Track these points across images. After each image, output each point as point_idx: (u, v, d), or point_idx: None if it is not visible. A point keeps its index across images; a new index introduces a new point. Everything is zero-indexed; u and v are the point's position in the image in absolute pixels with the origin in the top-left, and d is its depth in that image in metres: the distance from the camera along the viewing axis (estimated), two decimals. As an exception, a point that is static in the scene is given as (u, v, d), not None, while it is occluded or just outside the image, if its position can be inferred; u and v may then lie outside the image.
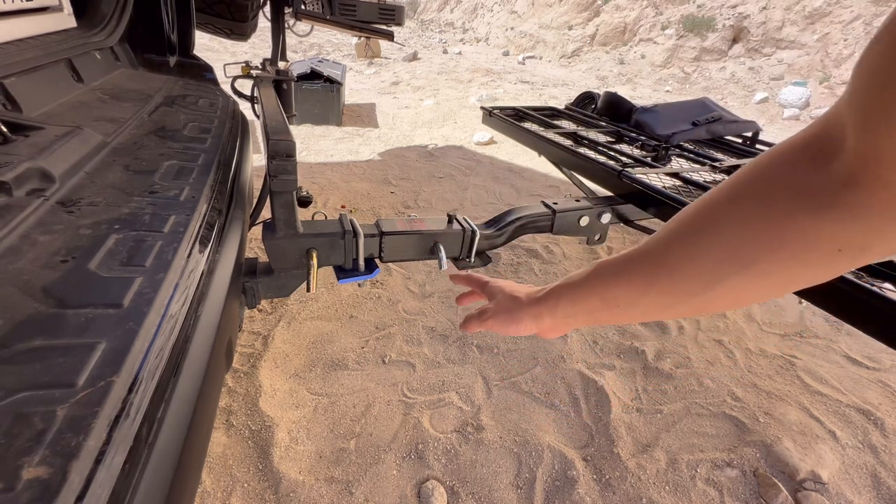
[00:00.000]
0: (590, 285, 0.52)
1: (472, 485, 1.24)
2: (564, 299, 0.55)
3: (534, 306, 0.58)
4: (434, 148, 4.11)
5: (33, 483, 0.30)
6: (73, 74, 1.11)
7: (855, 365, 1.80)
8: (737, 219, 0.38)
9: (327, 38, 11.14)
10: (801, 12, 8.36)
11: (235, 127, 1.20)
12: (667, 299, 0.45)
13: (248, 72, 2.00)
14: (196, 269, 0.59)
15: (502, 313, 0.61)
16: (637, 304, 0.48)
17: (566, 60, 10.82)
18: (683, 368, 1.70)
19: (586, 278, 0.53)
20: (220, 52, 7.03)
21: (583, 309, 0.54)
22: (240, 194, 0.95)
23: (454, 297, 2.00)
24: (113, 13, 1.43)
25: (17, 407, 0.35)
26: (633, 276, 0.48)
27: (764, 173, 0.38)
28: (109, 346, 0.42)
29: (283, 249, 1.08)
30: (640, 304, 0.48)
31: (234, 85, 1.97)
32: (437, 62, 9.22)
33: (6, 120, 0.73)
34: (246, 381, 1.48)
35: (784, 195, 0.35)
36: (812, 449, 1.42)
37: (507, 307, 0.62)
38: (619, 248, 2.53)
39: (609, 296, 0.50)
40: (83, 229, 0.58)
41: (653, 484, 1.28)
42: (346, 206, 2.76)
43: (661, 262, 0.45)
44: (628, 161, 1.74)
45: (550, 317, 0.57)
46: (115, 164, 0.77)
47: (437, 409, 1.45)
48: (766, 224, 0.36)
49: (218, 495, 1.15)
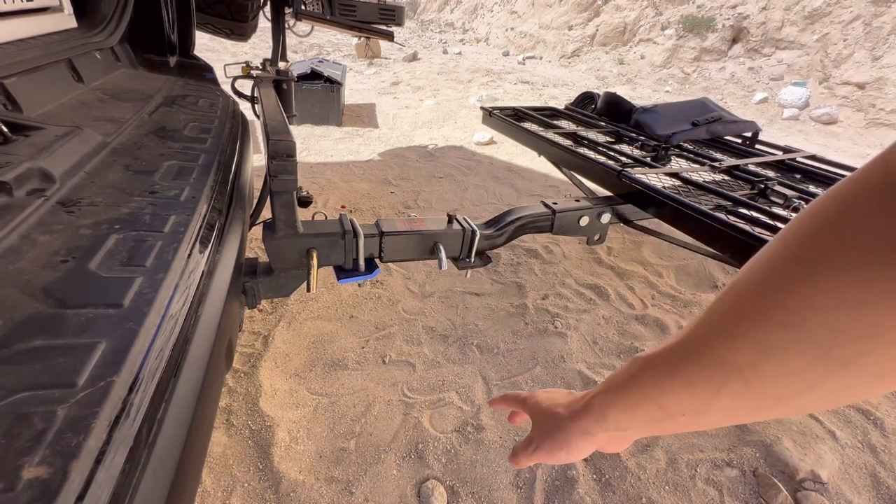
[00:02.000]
0: (640, 392, 0.41)
1: (472, 484, 1.24)
2: (613, 410, 0.44)
3: (578, 421, 0.48)
4: (434, 148, 4.11)
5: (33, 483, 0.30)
6: (74, 74, 1.11)
7: (855, 365, 1.80)
8: (821, 304, 0.27)
9: (327, 38, 11.14)
10: (800, 12, 8.36)
11: (235, 127, 1.20)
12: (745, 403, 0.34)
13: (248, 72, 2.00)
14: (196, 270, 0.59)
15: (547, 440, 0.51)
16: (708, 411, 0.36)
17: (566, 60, 10.82)
18: (683, 368, 1.70)
19: (634, 381, 0.41)
20: (220, 53, 7.03)
21: (642, 421, 0.42)
22: (240, 194, 0.95)
23: (454, 297, 2.00)
24: (113, 13, 1.43)
25: (17, 407, 0.35)
26: (692, 379, 0.36)
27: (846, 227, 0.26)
28: (109, 346, 0.42)
29: (284, 249, 1.08)
30: (712, 412, 0.36)
31: (234, 85, 1.97)
32: (437, 62, 9.22)
33: (6, 120, 0.73)
34: (246, 380, 1.48)
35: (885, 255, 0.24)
36: (812, 449, 1.42)
37: (549, 431, 0.51)
38: (619, 248, 2.53)
39: (668, 404, 0.38)
40: (83, 229, 0.58)
41: (652, 484, 1.28)
42: (346, 206, 2.76)
43: (723, 361, 0.33)
44: (628, 161, 1.74)
45: (602, 431, 0.46)
46: (116, 165, 0.77)
47: (437, 408, 1.45)
48: (869, 305, 0.25)
49: (218, 495, 1.15)
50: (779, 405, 0.32)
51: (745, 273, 0.33)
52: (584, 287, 2.14)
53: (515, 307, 1.96)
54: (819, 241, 0.28)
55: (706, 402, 0.35)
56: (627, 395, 0.42)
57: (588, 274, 2.26)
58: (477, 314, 1.90)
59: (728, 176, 1.75)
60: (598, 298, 2.07)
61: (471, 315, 1.90)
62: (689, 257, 2.40)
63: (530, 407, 0.56)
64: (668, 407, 0.38)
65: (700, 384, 0.35)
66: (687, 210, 1.32)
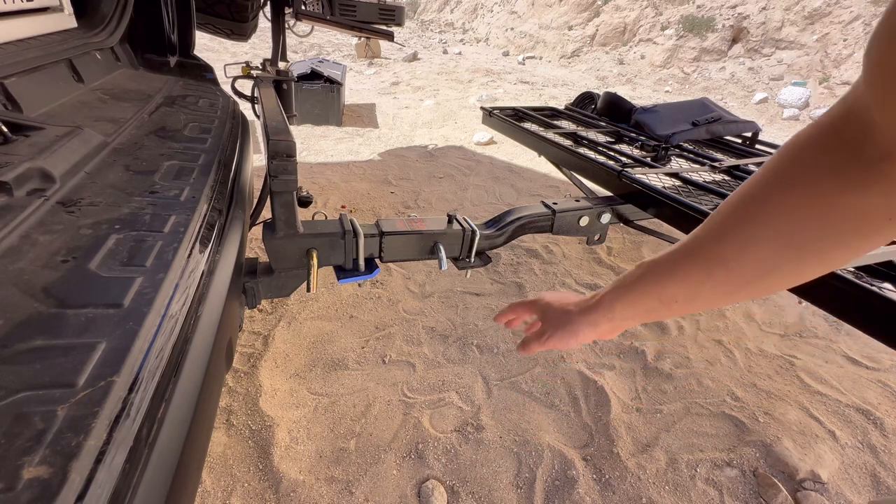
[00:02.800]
0: (644, 287, 0.54)
1: (472, 484, 1.24)
2: (620, 303, 0.56)
3: (589, 315, 0.59)
4: (434, 148, 4.11)
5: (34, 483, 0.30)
6: (74, 75, 1.11)
7: (854, 365, 1.80)
8: (787, 205, 0.40)
9: (327, 38, 11.14)
10: (800, 12, 8.36)
11: (236, 127, 1.20)
12: (724, 289, 0.47)
13: (248, 72, 2.00)
14: (196, 270, 0.59)
15: (559, 330, 0.62)
16: (696, 298, 0.50)
17: (566, 61, 10.82)
18: (683, 368, 1.71)
19: (639, 281, 0.54)
20: (220, 53, 7.03)
21: (642, 310, 0.55)
22: (240, 194, 0.95)
23: (454, 297, 2.00)
24: (113, 13, 1.43)
25: (17, 407, 0.35)
26: (688, 272, 0.49)
27: (804, 160, 0.40)
28: (110, 346, 0.42)
29: (284, 249, 1.08)
30: (698, 298, 0.50)
31: (234, 85, 1.97)
32: (437, 62, 9.22)
33: (7, 120, 0.73)
34: (246, 380, 1.48)
35: (828, 178, 0.38)
36: (811, 449, 1.42)
37: (561, 323, 0.62)
38: (619, 248, 2.53)
39: (665, 295, 0.51)
40: (84, 229, 0.58)
41: (652, 484, 1.28)
42: (346, 206, 2.76)
43: (714, 255, 0.46)
44: (628, 161, 1.74)
45: (608, 321, 0.58)
46: (116, 165, 0.77)
47: (437, 408, 1.45)
48: (817, 207, 0.38)
49: (218, 495, 1.15)
50: (750, 286, 0.45)
51: (733, 194, 0.45)
52: (585, 287, 2.14)
53: (515, 307, 1.96)
54: (789, 165, 0.41)
55: (696, 289, 0.48)
56: (634, 290, 0.55)
57: (588, 274, 2.26)
58: (477, 314, 1.90)
59: (728, 176, 1.75)
60: (598, 298, 2.07)
61: (471, 315, 1.90)
62: (689, 257, 2.40)
63: (540, 307, 0.66)
64: (665, 297, 0.52)
65: (693, 275, 0.48)
66: (687, 210, 1.32)
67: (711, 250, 0.46)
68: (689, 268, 0.49)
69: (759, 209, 0.43)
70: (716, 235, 0.47)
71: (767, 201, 0.42)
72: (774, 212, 0.42)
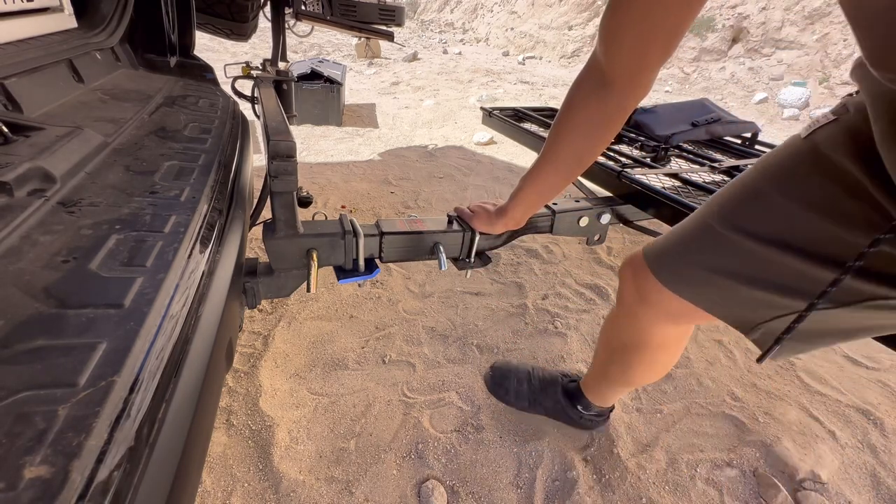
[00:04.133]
0: (529, 192, 1.00)
1: (472, 484, 1.24)
2: (521, 205, 1.05)
3: (501, 217, 1.11)
4: (434, 148, 4.11)
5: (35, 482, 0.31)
6: (74, 75, 1.11)
7: (855, 365, 1.80)
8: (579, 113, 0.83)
9: (327, 38, 11.14)
10: (800, 12, 8.36)
11: (236, 127, 1.21)
12: (564, 173, 0.92)
13: (248, 72, 2.00)
14: (197, 270, 0.59)
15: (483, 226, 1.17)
16: (555, 185, 0.96)
17: (566, 61, 10.82)
18: (683, 368, 1.71)
19: (526, 189, 1.00)
20: (220, 53, 7.03)
21: (531, 204, 1.04)
22: (240, 195, 0.95)
23: (454, 297, 2.00)
24: (113, 14, 1.43)
25: (18, 407, 0.35)
26: (547, 174, 0.94)
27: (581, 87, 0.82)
28: (110, 346, 0.42)
29: (284, 249, 1.08)
30: (557, 185, 0.95)
31: (234, 85, 1.97)
32: (437, 62, 9.22)
33: (7, 120, 0.73)
34: (246, 380, 1.48)
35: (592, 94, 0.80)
36: (812, 449, 1.42)
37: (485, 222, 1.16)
38: (619, 249, 2.53)
39: (540, 189, 0.98)
40: (84, 229, 0.58)
41: (653, 484, 1.28)
42: (346, 206, 2.76)
43: (555, 159, 0.90)
44: (627, 161, 1.74)
45: (511, 219, 1.09)
46: (116, 165, 0.78)
47: (437, 408, 1.45)
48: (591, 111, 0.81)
49: (218, 495, 1.15)
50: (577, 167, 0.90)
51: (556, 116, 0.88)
52: (584, 287, 2.14)
53: (515, 307, 1.96)
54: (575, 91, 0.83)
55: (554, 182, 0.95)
56: (526, 197, 1.03)
57: (588, 274, 2.26)
58: (477, 314, 1.91)
59: (728, 176, 1.76)
60: (598, 298, 2.07)
61: (471, 315, 1.90)
62: (688, 257, 2.40)
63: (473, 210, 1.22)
64: (542, 192, 0.99)
65: (550, 176, 0.94)
66: (687, 210, 1.32)
67: (553, 157, 0.90)
68: (548, 170, 0.93)
69: (567, 118, 0.84)
70: (553, 149, 0.89)
71: (570, 112, 0.84)
72: (574, 117, 0.83)
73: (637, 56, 0.70)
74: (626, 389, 1.34)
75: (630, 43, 0.68)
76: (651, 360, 1.07)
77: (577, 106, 0.82)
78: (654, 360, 1.08)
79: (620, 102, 0.78)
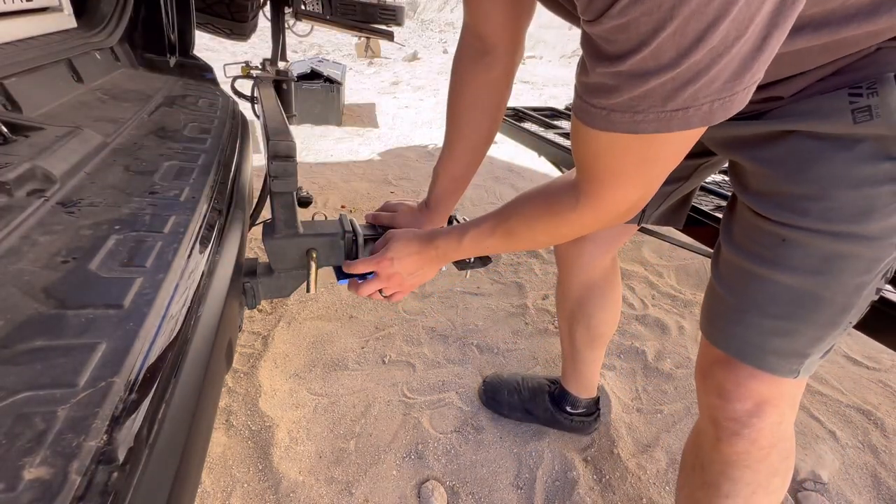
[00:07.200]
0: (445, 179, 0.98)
1: (472, 485, 1.24)
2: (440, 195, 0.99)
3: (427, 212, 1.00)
4: (434, 148, 4.10)
5: (34, 483, 0.31)
6: (73, 75, 1.11)
7: (855, 365, 1.80)
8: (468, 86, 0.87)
9: (327, 38, 11.13)
10: (800, 12, 8.35)
11: (235, 127, 1.20)
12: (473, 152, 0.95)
13: (247, 72, 2.00)
14: (196, 270, 0.59)
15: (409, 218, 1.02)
16: (470, 165, 0.97)
17: (566, 60, 10.81)
18: (683, 368, 1.70)
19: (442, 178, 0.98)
20: (220, 52, 7.03)
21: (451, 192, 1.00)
22: (240, 195, 0.95)
23: (454, 297, 2.00)
24: (113, 13, 1.43)
25: (18, 407, 0.35)
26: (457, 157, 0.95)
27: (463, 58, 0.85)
28: (110, 346, 0.42)
29: (284, 250, 1.07)
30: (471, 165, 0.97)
31: (234, 85, 1.96)
32: (438, 62, 9.22)
33: (6, 120, 0.73)
34: (246, 381, 1.48)
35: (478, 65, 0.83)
36: (812, 449, 1.42)
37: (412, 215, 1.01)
38: (619, 249, 2.53)
39: (454, 175, 0.97)
40: (83, 230, 0.58)
41: (653, 484, 1.28)
42: (346, 206, 2.76)
43: (461, 139, 0.92)
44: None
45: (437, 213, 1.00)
46: (116, 165, 0.77)
47: (437, 409, 1.45)
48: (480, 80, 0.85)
49: (218, 495, 1.15)
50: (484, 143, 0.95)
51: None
52: (584, 287, 2.14)
53: (515, 307, 1.96)
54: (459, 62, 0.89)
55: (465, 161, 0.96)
56: (438, 183, 0.99)
57: (588, 274, 2.26)
58: (477, 314, 1.91)
59: (728, 176, 1.75)
60: (598, 298, 2.07)
61: (471, 315, 1.90)
62: (689, 257, 2.40)
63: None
64: (455, 176, 0.97)
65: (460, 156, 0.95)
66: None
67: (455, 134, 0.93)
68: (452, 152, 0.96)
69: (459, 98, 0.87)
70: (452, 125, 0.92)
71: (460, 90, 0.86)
72: (465, 93, 0.86)
73: (512, 17, 0.79)
74: (597, 353, 1.29)
75: (502, 5, 0.77)
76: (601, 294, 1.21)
77: (465, 81, 0.85)
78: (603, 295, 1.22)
79: (507, 66, 0.83)
